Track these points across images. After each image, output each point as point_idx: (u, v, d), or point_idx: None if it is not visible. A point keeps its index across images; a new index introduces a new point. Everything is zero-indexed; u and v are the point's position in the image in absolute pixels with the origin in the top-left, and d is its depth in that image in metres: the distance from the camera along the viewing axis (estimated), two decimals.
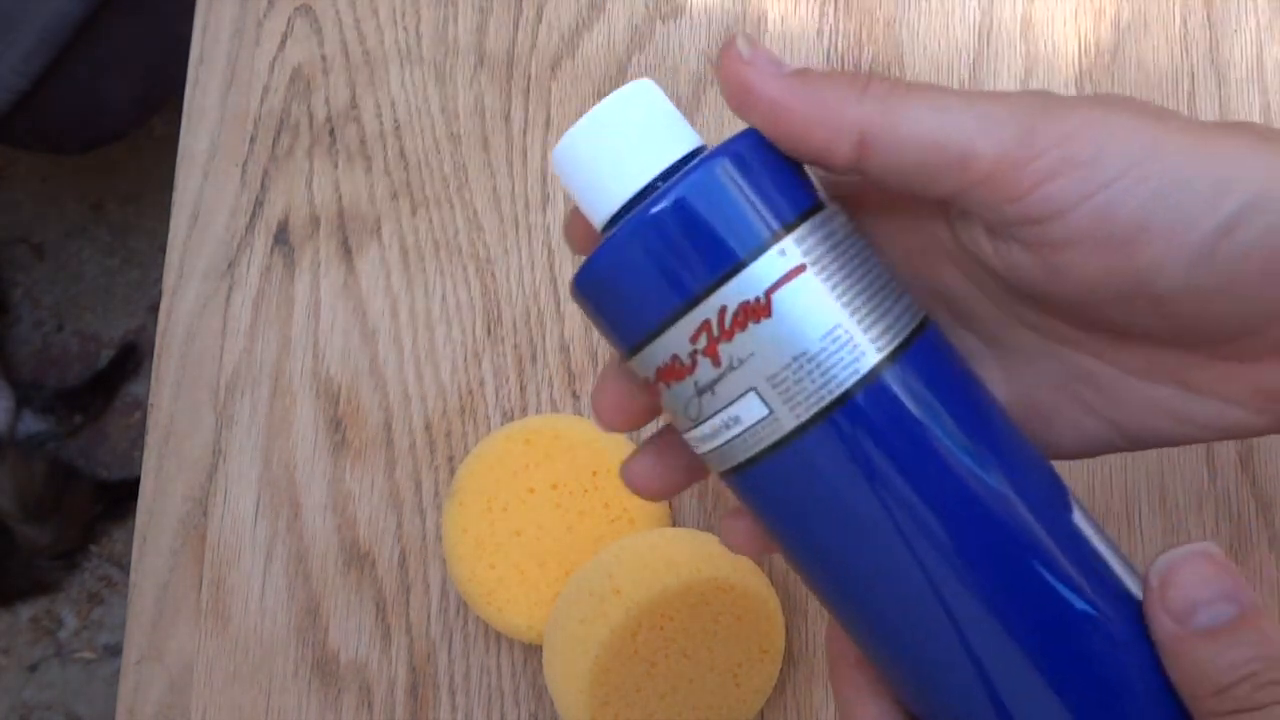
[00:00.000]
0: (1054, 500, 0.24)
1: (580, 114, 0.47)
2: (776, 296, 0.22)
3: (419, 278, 0.47)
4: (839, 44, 0.47)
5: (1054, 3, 0.47)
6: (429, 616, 0.43)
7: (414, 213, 0.47)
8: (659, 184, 0.24)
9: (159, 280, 0.48)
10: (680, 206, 0.22)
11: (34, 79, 0.88)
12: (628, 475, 0.27)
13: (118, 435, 1.33)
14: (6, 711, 1.24)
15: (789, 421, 0.22)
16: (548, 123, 0.48)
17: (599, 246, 0.23)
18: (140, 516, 0.46)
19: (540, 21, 0.49)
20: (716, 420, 0.23)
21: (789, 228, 0.23)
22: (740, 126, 0.24)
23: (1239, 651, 0.21)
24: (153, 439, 0.46)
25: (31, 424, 1.27)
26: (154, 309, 1.34)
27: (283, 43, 0.50)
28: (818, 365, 0.22)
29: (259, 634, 0.44)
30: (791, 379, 0.22)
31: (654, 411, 0.27)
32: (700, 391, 0.23)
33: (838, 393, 0.22)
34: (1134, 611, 0.23)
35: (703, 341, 0.22)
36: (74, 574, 1.28)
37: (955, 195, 0.23)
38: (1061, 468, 0.25)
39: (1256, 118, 0.45)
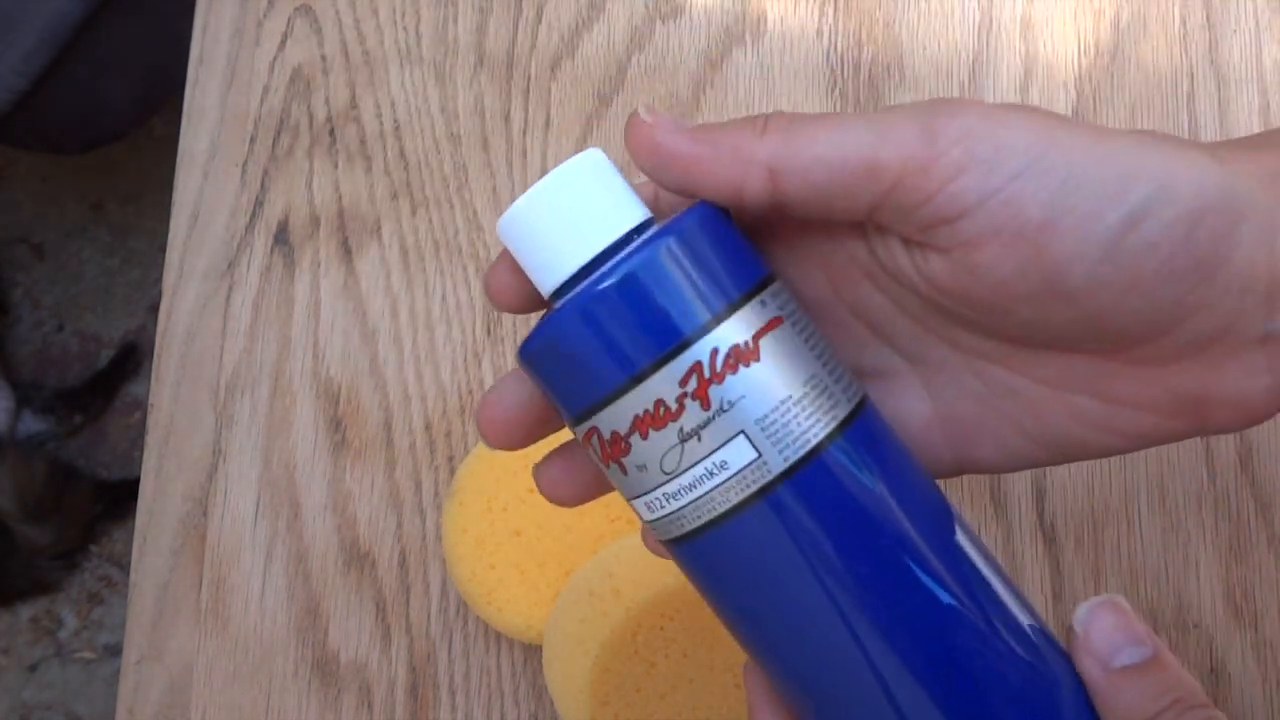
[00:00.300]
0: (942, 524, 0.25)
1: (580, 114, 0.48)
2: (763, 342, 0.23)
3: (419, 278, 0.47)
4: (839, 44, 0.47)
5: (1053, 3, 0.47)
6: (429, 616, 0.43)
7: (414, 213, 0.47)
8: (632, 238, 0.24)
9: (159, 280, 0.48)
10: (672, 254, 0.23)
11: (34, 79, 0.88)
12: (539, 481, 0.27)
13: (118, 435, 1.33)
14: (6, 711, 1.24)
15: (777, 464, 0.23)
16: (547, 123, 0.48)
17: (566, 305, 0.23)
18: (140, 516, 0.46)
19: (540, 22, 0.49)
20: (699, 469, 0.23)
21: (765, 282, 0.24)
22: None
23: (1159, 685, 0.23)
24: (153, 439, 0.46)
25: (31, 424, 1.27)
26: (154, 309, 1.34)
27: (283, 43, 0.50)
28: (803, 409, 0.23)
29: (259, 634, 0.44)
30: (780, 422, 0.23)
31: (547, 429, 0.27)
32: (685, 438, 0.23)
33: (823, 434, 0.23)
34: (1070, 673, 0.24)
35: (693, 384, 0.23)
36: (74, 574, 1.28)
37: (871, 209, 0.24)
38: (1060, 467, 0.26)
39: (1255, 117, 0.45)
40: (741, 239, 0.25)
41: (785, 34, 0.48)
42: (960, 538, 0.24)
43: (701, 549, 0.24)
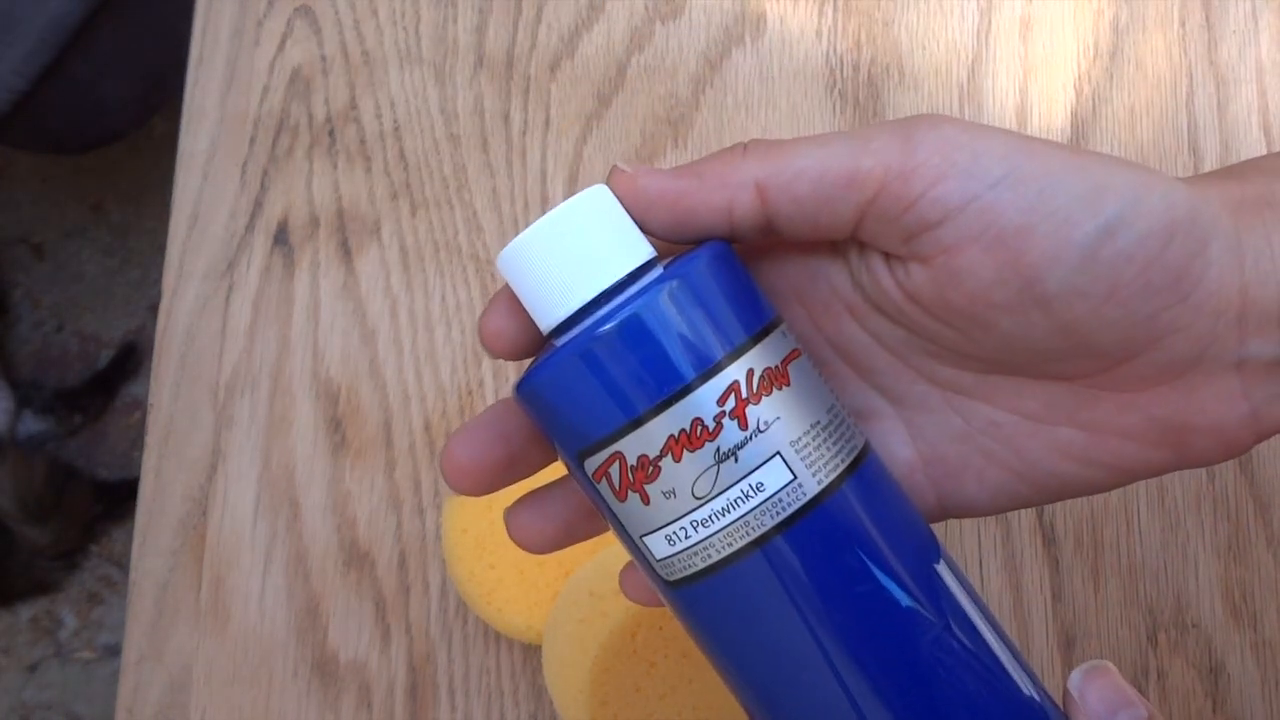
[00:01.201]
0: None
1: (579, 115, 0.48)
2: (791, 368, 0.24)
3: (419, 278, 0.47)
4: (838, 45, 0.47)
5: (1053, 4, 0.47)
6: (429, 616, 0.43)
7: (413, 213, 0.47)
8: (641, 273, 0.24)
9: (159, 280, 0.48)
10: (710, 275, 0.23)
11: (34, 79, 0.88)
12: (510, 527, 0.27)
13: (118, 435, 1.33)
14: (6, 711, 1.24)
15: (811, 487, 0.23)
16: (547, 123, 0.48)
17: (597, 325, 0.23)
18: (140, 516, 0.46)
19: (540, 22, 0.49)
20: (734, 491, 0.23)
21: (779, 317, 0.25)
22: (737, 133, 0.24)
23: None
24: (153, 439, 0.46)
25: (31, 424, 1.27)
26: (154, 309, 1.34)
27: (282, 43, 0.50)
28: (829, 435, 0.24)
29: (259, 634, 0.44)
30: (811, 445, 0.23)
31: (513, 476, 0.26)
32: (722, 458, 0.23)
33: (849, 459, 0.24)
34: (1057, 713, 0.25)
35: (731, 403, 0.23)
36: (74, 574, 1.28)
37: (856, 221, 0.24)
38: None
39: (1254, 117, 0.45)
40: (751, 276, 0.25)
41: (785, 34, 0.48)
42: (942, 566, 0.25)
43: (725, 582, 0.24)
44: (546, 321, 0.24)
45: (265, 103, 0.49)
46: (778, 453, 0.23)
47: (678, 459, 0.23)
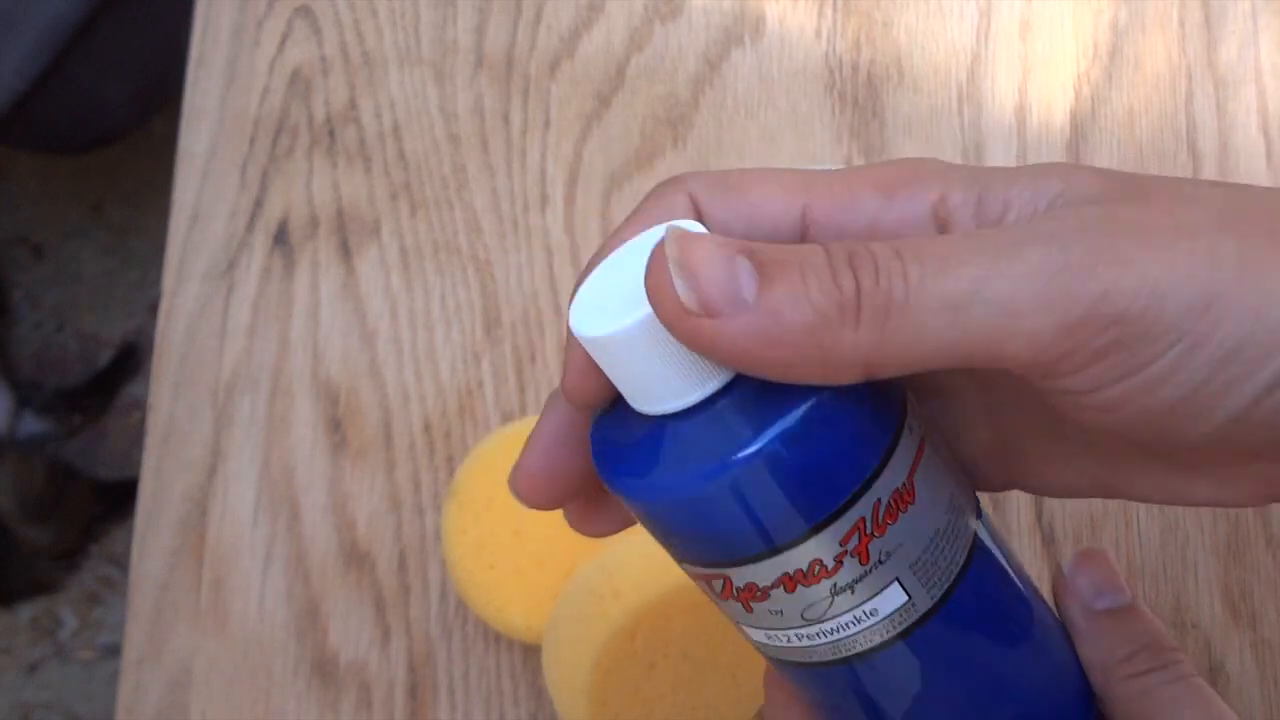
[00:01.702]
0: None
1: (579, 115, 0.48)
2: (916, 478, 0.22)
3: (418, 278, 0.47)
4: (837, 45, 0.47)
5: (1052, 4, 0.47)
6: (429, 617, 0.43)
7: (413, 214, 0.47)
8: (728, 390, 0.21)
9: (159, 280, 0.48)
10: (829, 406, 0.21)
11: (34, 80, 0.88)
12: (514, 485, 0.25)
13: (118, 435, 1.33)
14: (6, 711, 1.24)
15: (924, 603, 0.22)
16: (547, 124, 0.48)
17: (715, 465, 0.20)
18: (140, 517, 0.46)
19: (539, 22, 0.49)
20: (845, 617, 0.22)
21: (906, 401, 0.22)
22: (737, 134, 0.24)
23: (1138, 627, 0.25)
24: (152, 439, 0.46)
25: (31, 424, 1.27)
26: (154, 309, 1.34)
27: (282, 43, 0.50)
28: (948, 541, 0.22)
29: (258, 634, 0.44)
30: (929, 560, 0.22)
31: (579, 488, 0.25)
32: (837, 592, 0.21)
33: (961, 560, 0.22)
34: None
35: (854, 542, 0.21)
36: (74, 574, 1.28)
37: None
38: None
39: (1253, 118, 0.45)
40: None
41: (784, 35, 0.48)
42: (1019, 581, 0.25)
43: (819, 677, 0.23)
44: (651, 408, 0.22)
45: (265, 103, 0.49)
46: (896, 579, 0.22)
47: (790, 591, 0.21)
